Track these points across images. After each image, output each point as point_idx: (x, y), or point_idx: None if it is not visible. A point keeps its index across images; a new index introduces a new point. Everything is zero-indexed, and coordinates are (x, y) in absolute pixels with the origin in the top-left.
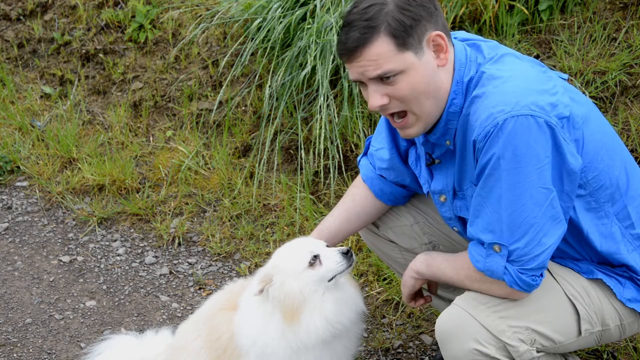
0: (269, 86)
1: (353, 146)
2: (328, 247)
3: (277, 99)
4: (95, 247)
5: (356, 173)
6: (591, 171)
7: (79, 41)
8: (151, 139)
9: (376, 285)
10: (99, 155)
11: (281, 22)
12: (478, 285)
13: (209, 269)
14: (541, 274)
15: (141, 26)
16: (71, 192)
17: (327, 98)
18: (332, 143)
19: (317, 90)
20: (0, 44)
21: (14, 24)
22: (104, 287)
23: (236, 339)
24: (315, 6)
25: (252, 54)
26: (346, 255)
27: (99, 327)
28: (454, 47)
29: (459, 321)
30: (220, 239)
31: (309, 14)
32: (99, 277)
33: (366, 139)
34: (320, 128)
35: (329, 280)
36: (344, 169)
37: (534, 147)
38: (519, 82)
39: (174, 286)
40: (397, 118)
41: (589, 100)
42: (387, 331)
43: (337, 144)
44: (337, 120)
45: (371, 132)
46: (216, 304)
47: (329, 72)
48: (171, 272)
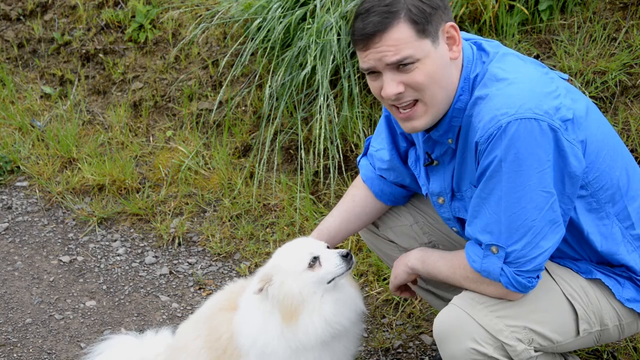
0: (269, 86)
1: (353, 146)
2: (329, 248)
3: (277, 99)
4: (95, 247)
5: (356, 173)
6: (593, 172)
7: (79, 41)
8: (151, 139)
9: (376, 285)
10: (99, 155)
11: (281, 22)
12: (474, 285)
13: (209, 269)
14: (537, 276)
15: (141, 26)
16: (71, 192)
17: (327, 98)
18: (332, 143)
19: (317, 90)
20: (0, 44)
21: (14, 24)
22: (104, 287)
23: (236, 339)
24: (315, 6)
25: (252, 54)
26: (345, 257)
27: (99, 327)
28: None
29: (457, 321)
30: (220, 239)
31: (309, 14)
32: (99, 277)
33: (366, 140)
34: (320, 128)
35: (328, 282)
36: (344, 169)
37: (536, 150)
38: (523, 85)
39: (174, 286)
40: (404, 108)
41: (589, 101)
42: (387, 331)
43: (337, 144)
44: (337, 120)
45: (371, 132)
46: (216, 304)
47: (329, 72)
48: (171, 272)
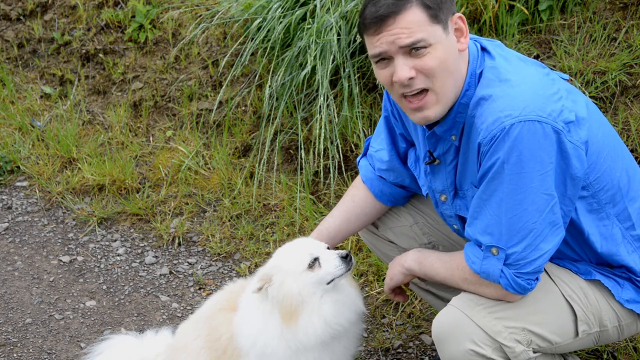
0: (269, 86)
1: (353, 146)
2: (329, 249)
3: (277, 99)
4: (95, 247)
5: (356, 173)
6: (594, 173)
7: (79, 41)
8: (151, 139)
9: (376, 285)
10: (99, 155)
11: (281, 22)
12: (472, 287)
13: (209, 269)
14: (537, 278)
15: (141, 26)
16: (71, 192)
17: (327, 98)
18: (332, 143)
19: (317, 90)
20: (0, 44)
21: (14, 24)
22: (104, 287)
23: (236, 339)
24: (315, 6)
25: (252, 54)
26: (345, 259)
27: (99, 327)
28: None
29: (456, 322)
30: (220, 239)
31: (309, 14)
32: (99, 277)
33: (365, 140)
34: (320, 128)
35: (328, 283)
36: (344, 169)
37: (539, 153)
38: (526, 87)
39: (174, 286)
40: (414, 97)
41: (589, 101)
42: (387, 331)
43: (337, 144)
44: (337, 120)
45: (371, 132)
46: (216, 304)
47: (329, 72)
48: (171, 272)
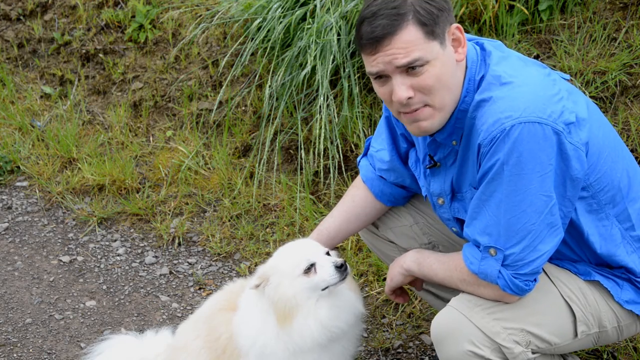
0: (269, 86)
1: (353, 146)
2: (329, 253)
3: (277, 99)
4: (95, 247)
5: (356, 173)
6: (594, 174)
7: (79, 41)
8: (151, 139)
9: (376, 285)
10: (99, 155)
11: (281, 22)
12: (470, 288)
13: (209, 269)
14: (535, 279)
15: (141, 26)
16: (71, 192)
17: (327, 98)
18: (332, 143)
19: (317, 90)
20: (0, 44)
21: (14, 24)
22: (104, 287)
23: (236, 339)
24: (315, 6)
25: (252, 54)
26: (340, 268)
27: (99, 327)
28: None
29: (454, 323)
30: (220, 239)
31: (309, 14)
32: (99, 277)
33: (366, 140)
34: (320, 128)
35: (322, 289)
36: (344, 169)
37: (539, 154)
38: (527, 88)
39: (174, 286)
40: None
41: (590, 102)
42: (387, 331)
43: (337, 144)
44: (337, 120)
45: (371, 132)
46: (216, 304)
47: (329, 72)
48: (171, 272)
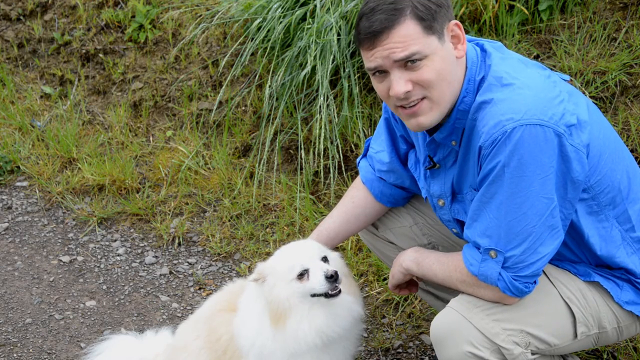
0: (269, 86)
1: (353, 146)
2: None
3: (277, 99)
4: (95, 247)
5: (356, 173)
6: (595, 175)
7: (79, 41)
8: (151, 139)
9: (376, 285)
10: (99, 155)
11: (281, 22)
12: (470, 289)
13: (209, 269)
14: (535, 281)
15: (141, 26)
16: (71, 192)
17: (327, 98)
18: (332, 143)
19: (317, 90)
20: (0, 44)
21: (14, 24)
22: (104, 287)
23: (236, 340)
24: (315, 6)
25: (252, 54)
26: (330, 279)
27: (99, 327)
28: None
29: (454, 324)
30: (220, 239)
31: (309, 14)
32: (99, 277)
33: (365, 141)
34: (320, 128)
35: (312, 296)
36: (344, 169)
37: (540, 157)
38: (528, 91)
39: (174, 286)
40: (409, 104)
41: (590, 103)
42: (387, 331)
43: (337, 144)
44: (337, 120)
45: (371, 132)
46: (216, 304)
47: (329, 72)
48: (171, 272)
